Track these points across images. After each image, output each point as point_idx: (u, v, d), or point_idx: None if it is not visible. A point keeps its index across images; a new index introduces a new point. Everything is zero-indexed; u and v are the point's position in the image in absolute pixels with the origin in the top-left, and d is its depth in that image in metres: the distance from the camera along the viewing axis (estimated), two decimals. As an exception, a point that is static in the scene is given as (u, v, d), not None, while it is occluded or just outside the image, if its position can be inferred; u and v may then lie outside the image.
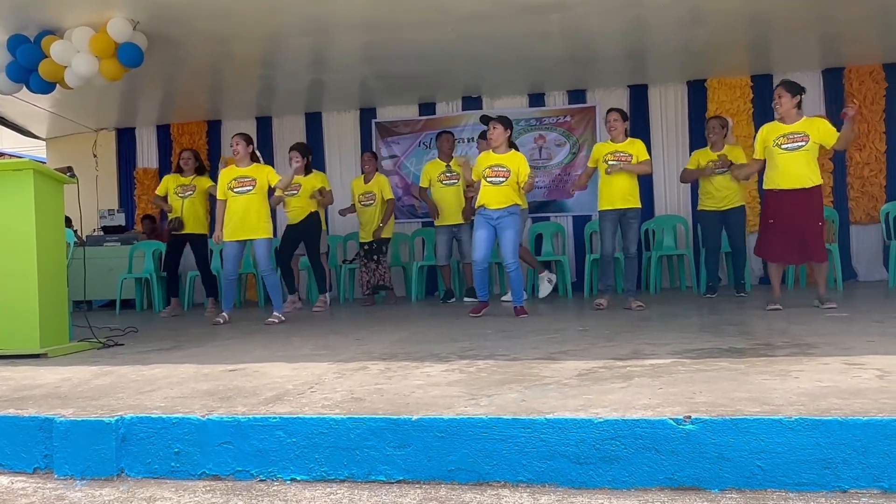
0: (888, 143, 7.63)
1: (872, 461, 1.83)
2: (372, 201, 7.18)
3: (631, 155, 5.59)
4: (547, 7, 5.78)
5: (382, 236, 7.18)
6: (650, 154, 5.88)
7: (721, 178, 6.36)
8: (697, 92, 8.04)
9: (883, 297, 5.77)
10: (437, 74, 7.55)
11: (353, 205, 7.34)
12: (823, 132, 4.93)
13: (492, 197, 5.32)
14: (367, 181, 7.26)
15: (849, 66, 7.67)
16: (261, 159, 5.89)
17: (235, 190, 5.64)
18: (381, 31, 6.20)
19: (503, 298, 6.91)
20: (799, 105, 4.99)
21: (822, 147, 4.98)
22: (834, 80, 7.73)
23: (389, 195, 7.22)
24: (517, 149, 5.62)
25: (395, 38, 6.35)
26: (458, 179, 6.95)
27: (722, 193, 6.37)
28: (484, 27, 6.16)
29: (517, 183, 5.33)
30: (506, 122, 5.46)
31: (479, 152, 6.64)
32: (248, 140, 5.80)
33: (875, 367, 2.57)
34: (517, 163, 5.34)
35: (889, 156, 7.64)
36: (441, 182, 7.04)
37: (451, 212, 7.01)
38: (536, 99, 8.40)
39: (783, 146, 4.96)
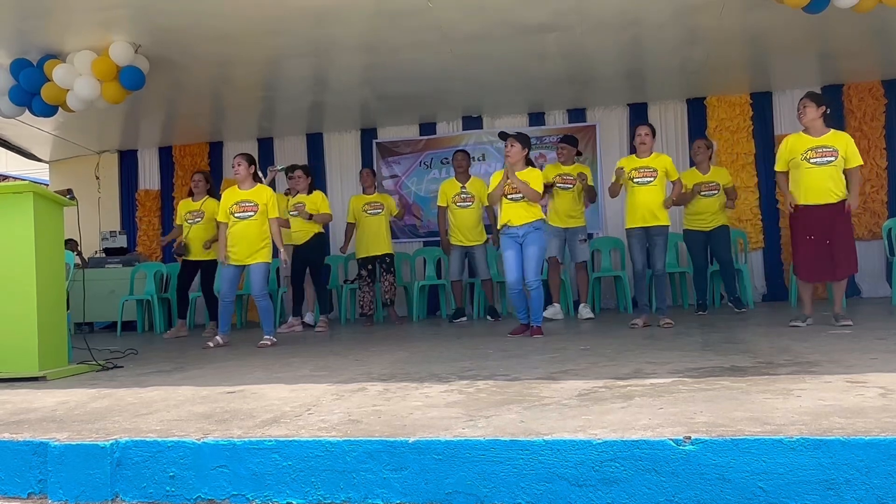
0: (889, 159, 7.64)
1: (876, 482, 1.80)
2: (379, 210, 7.17)
3: (656, 170, 5.50)
4: (544, 27, 5.82)
5: (386, 251, 7.19)
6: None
7: (708, 201, 6.42)
8: (697, 110, 8.06)
9: (886, 313, 5.73)
10: (436, 95, 7.59)
11: (352, 222, 7.31)
12: (851, 152, 4.82)
13: (514, 213, 5.24)
14: (369, 194, 7.30)
15: (848, 83, 7.70)
16: (263, 179, 5.89)
17: (237, 215, 5.58)
18: (381, 52, 6.24)
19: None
20: (823, 116, 4.87)
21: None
22: (833, 97, 7.74)
23: (394, 211, 7.31)
24: (534, 166, 5.49)
25: (395, 59, 6.40)
26: (473, 201, 6.87)
27: (709, 215, 6.44)
28: (482, 48, 6.20)
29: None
30: (523, 139, 5.36)
31: (558, 159, 6.74)
32: (251, 161, 5.73)
33: (878, 385, 2.54)
34: (531, 179, 5.25)
35: (890, 172, 7.63)
36: (455, 204, 6.94)
37: (465, 233, 6.89)
38: (536, 118, 8.42)
39: (812, 160, 4.82)
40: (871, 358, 3.29)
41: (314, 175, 7.23)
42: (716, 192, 6.40)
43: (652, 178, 5.51)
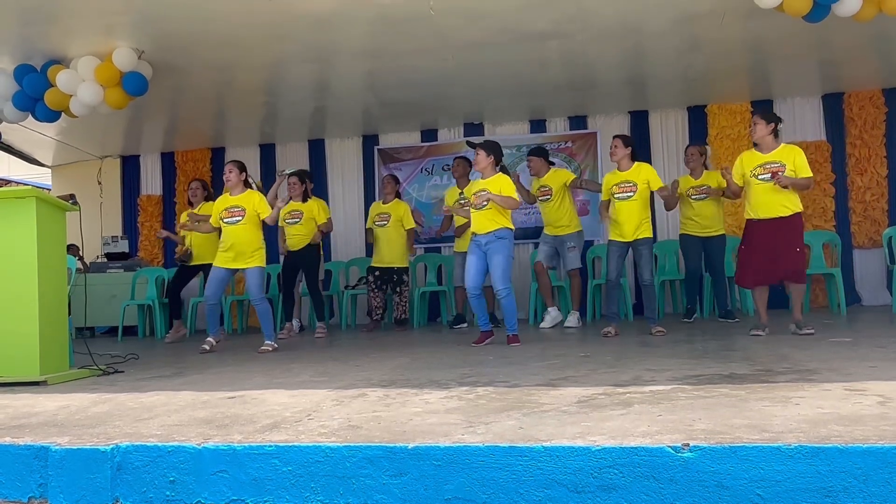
0: (889, 167, 7.66)
1: (874, 489, 1.80)
2: (385, 222, 7.14)
3: (636, 184, 5.49)
4: (545, 35, 5.84)
5: (398, 265, 7.13)
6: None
7: (702, 205, 6.39)
8: (698, 117, 8.09)
9: (887, 321, 5.73)
10: (438, 101, 7.62)
11: (369, 228, 7.34)
12: (799, 164, 4.95)
13: (478, 222, 5.28)
14: (385, 202, 7.28)
15: (849, 92, 7.73)
16: (253, 185, 5.92)
17: (226, 220, 5.62)
18: (383, 58, 6.27)
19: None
20: (775, 133, 5.00)
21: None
22: (834, 106, 7.78)
23: (410, 224, 7.14)
24: (507, 173, 5.48)
25: (397, 65, 6.42)
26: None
27: (704, 221, 6.40)
28: (484, 55, 6.22)
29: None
30: (489, 147, 5.36)
31: (530, 173, 6.74)
32: (242, 167, 5.77)
33: (877, 393, 2.55)
34: (498, 185, 5.23)
35: (891, 180, 7.65)
36: (456, 211, 6.98)
37: (466, 238, 6.86)
38: (538, 125, 8.45)
39: (759, 176, 4.96)
40: (871, 366, 3.29)
41: (314, 182, 7.23)
42: (707, 195, 6.35)
43: (632, 193, 5.49)
